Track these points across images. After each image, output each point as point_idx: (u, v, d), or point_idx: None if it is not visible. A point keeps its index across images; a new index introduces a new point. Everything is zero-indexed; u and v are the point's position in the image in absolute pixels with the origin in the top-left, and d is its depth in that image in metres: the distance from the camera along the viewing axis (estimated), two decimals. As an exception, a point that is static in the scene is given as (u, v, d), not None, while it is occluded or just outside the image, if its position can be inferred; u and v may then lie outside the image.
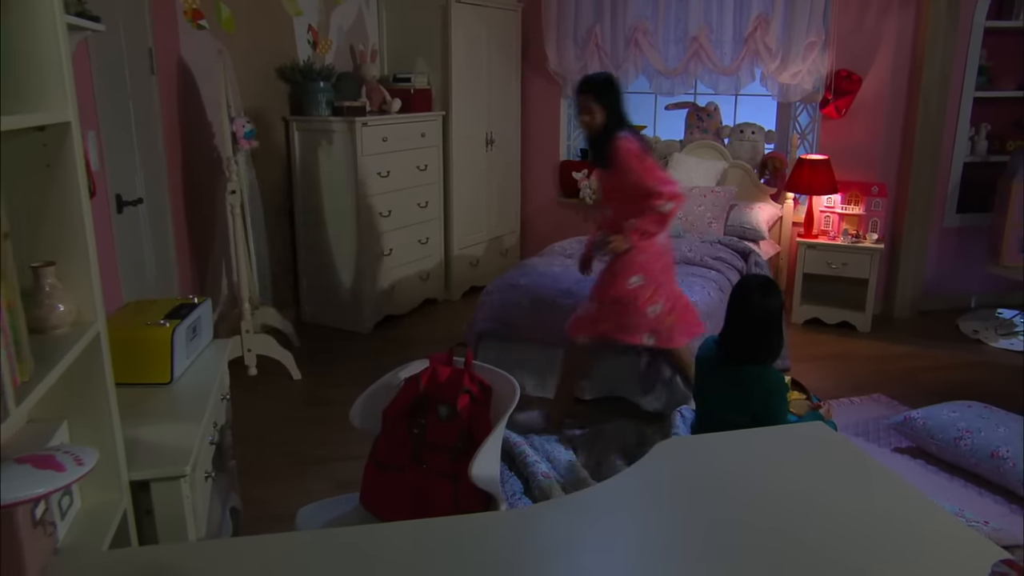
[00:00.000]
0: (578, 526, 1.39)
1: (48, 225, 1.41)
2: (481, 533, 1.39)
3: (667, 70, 5.28)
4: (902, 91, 4.92)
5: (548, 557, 1.31)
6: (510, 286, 3.81)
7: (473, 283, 5.49)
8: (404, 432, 2.03)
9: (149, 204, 3.37)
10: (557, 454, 3.07)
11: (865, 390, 3.98)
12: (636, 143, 3.04)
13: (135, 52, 3.29)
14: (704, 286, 3.76)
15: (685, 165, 5.18)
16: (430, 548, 1.33)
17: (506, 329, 3.75)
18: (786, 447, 1.72)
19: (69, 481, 0.86)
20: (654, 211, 3.03)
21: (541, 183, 6.02)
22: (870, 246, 4.75)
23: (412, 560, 1.29)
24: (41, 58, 1.35)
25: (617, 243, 3.08)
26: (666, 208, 3.03)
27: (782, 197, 5.14)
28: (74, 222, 1.43)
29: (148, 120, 3.44)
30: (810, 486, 1.53)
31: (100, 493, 1.56)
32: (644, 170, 3.02)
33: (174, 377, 2.04)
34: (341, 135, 4.42)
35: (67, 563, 1.29)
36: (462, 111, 5.15)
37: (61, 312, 1.41)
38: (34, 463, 0.85)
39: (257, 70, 4.40)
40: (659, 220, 3.06)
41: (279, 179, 4.65)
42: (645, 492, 1.52)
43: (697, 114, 5.45)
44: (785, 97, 5.11)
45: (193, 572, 1.25)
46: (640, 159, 3.03)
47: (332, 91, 4.55)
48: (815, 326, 4.93)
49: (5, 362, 1.07)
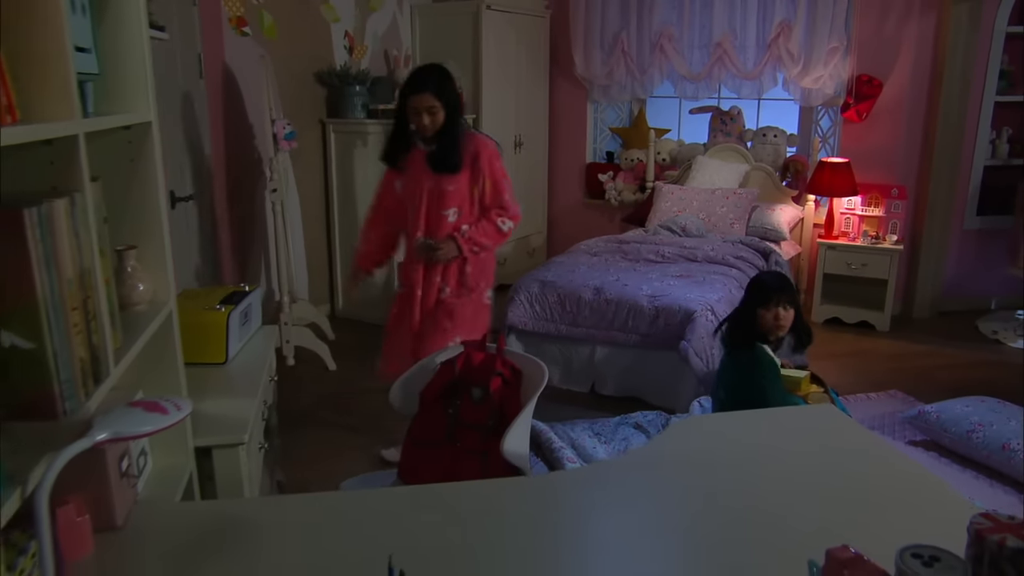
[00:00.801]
0: (597, 493, 1.52)
1: (130, 213, 1.58)
2: (508, 496, 1.53)
3: (691, 75, 5.39)
4: (922, 95, 4.99)
5: (569, 520, 1.44)
6: (538, 282, 3.95)
7: (500, 282, 5.61)
8: (440, 412, 2.17)
9: (197, 201, 3.56)
10: (582, 441, 3.20)
11: (882, 387, 4.05)
12: (496, 146, 2.89)
13: (186, 58, 3.48)
14: (725, 283, 3.87)
15: (708, 167, 5.28)
16: (464, 508, 1.47)
17: (533, 323, 3.89)
18: (796, 426, 1.84)
19: (173, 421, 1.01)
20: (493, 225, 2.85)
21: (567, 184, 6.15)
22: (889, 247, 4.83)
23: (444, 516, 1.43)
24: (129, 63, 1.51)
25: (447, 250, 2.83)
26: (507, 226, 2.87)
27: (803, 199, 5.22)
28: (152, 211, 1.59)
29: (197, 122, 3.63)
30: (818, 461, 1.64)
31: (169, 457, 1.72)
32: (504, 180, 2.87)
33: (229, 357, 2.21)
34: (376, 137, 4.59)
35: (147, 511, 1.45)
36: (491, 114, 5.30)
37: (140, 291, 1.57)
38: (144, 407, 1.00)
39: (296, 74, 4.59)
40: (498, 235, 2.88)
41: (316, 179, 4.83)
42: (661, 464, 1.64)
43: (721, 118, 5.55)
44: (807, 101, 5.19)
45: (250, 522, 1.41)
46: (502, 167, 2.88)
47: (367, 94, 4.73)
48: (835, 325, 5.01)
49: (108, 328, 1.23)
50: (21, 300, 1.00)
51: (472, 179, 2.84)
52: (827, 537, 1.17)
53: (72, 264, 1.11)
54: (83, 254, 1.16)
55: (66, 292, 1.08)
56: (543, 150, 6.01)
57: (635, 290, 3.76)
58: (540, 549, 1.33)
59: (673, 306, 3.60)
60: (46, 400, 1.05)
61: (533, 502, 1.47)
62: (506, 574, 1.27)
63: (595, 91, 5.81)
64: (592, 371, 3.83)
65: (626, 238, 4.75)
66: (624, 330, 3.70)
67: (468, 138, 2.83)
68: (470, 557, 1.30)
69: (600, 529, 1.41)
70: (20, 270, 0.99)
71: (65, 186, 1.16)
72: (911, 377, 4.19)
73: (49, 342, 1.03)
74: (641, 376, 3.72)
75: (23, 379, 1.03)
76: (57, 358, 1.05)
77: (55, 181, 1.16)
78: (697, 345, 3.45)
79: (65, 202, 1.10)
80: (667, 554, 1.33)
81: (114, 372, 1.26)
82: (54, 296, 1.05)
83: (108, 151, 1.53)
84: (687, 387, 3.50)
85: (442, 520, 1.40)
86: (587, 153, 6.09)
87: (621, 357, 3.75)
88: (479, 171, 2.83)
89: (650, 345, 3.65)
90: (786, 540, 1.32)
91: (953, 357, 4.49)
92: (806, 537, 1.19)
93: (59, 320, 1.06)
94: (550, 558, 1.31)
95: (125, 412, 0.99)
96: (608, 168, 5.93)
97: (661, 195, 5.21)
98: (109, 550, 1.33)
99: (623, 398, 3.76)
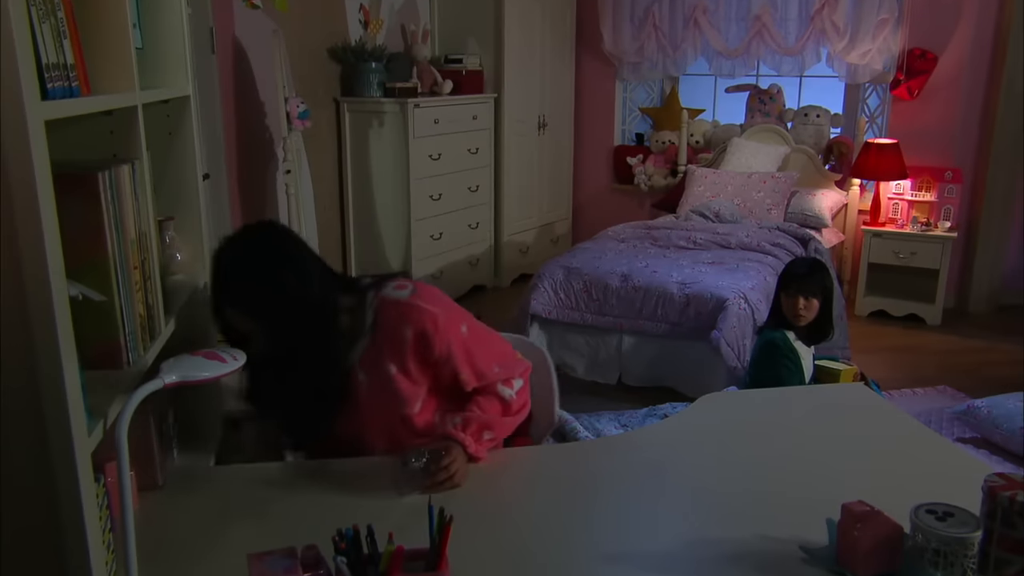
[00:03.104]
0: (625, 460, 1.72)
1: (168, 186, 1.79)
2: (542, 460, 1.73)
3: (728, 51, 5.55)
4: (982, 70, 5.08)
5: (597, 484, 1.63)
6: (562, 268, 4.14)
7: (523, 271, 5.84)
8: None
9: (212, 180, 3.78)
10: (608, 432, 3.39)
11: (930, 383, 4.19)
12: (433, 296, 1.78)
13: (198, 32, 3.70)
14: (760, 271, 4.04)
15: (745, 150, 5.44)
16: (494, 471, 1.67)
17: (558, 312, 4.08)
18: (827, 403, 2.02)
19: (232, 369, 1.21)
20: (496, 396, 1.77)
21: (594, 169, 6.33)
22: (942, 234, 4.95)
23: (477, 478, 1.63)
24: (168, 38, 1.72)
25: (457, 464, 1.62)
26: (515, 389, 1.79)
27: (847, 184, 5.36)
28: (189, 183, 1.81)
29: (209, 99, 3.85)
30: (846, 435, 1.82)
31: (198, 426, 1.94)
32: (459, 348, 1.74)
33: (253, 335, 2.42)
34: (392, 116, 4.81)
35: (183, 470, 1.67)
36: (514, 93, 5.50)
37: (179, 261, 1.79)
38: (204, 356, 1.20)
39: (308, 50, 4.80)
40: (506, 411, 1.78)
41: (330, 160, 5.05)
42: (688, 435, 1.83)
43: (759, 97, 5.70)
44: (853, 78, 5.33)
45: (280, 485, 1.63)
46: (455, 328, 1.74)
47: (383, 72, 4.94)
48: (880, 319, 5.15)
49: (160, 289, 1.44)
50: (94, 256, 1.21)
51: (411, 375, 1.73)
52: (848, 498, 1.35)
53: (133, 226, 1.32)
54: (141, 218, 1.37)
55: (129, 251, 1.29)
56: (568, 132, 6.20)
57: (665, 277, 3.94)
58: (566, 512, 1.54)
59: (704, 294, 3.77)
60: (113, 350, 1.26)
61: (566, 466, 1.66)
62: (532, 535, 1.47)
63: (624, 69, 5.98)
64: (619, 362, 4.02)
65: (656, 224, 4.93)
66: (653, 319, 3.89)
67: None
68: (491, 515, 1.51)
69: (626, 494, 1.60)
70: (94, 228, 1.20)
71: (124, 154, 1.37)
72: (962, 374, 4.30)
73: (117, 296, 1.24)
74: (670, 367, 3.91)
75: (93, 331, 1.23)
76: (123, 312, 1.26)
77: (115, 150, 1.37)
78: (729, 335, 3.62)
79: (128, 168, 1.31)
80: (687, 517, 1.52)
81: (164, 331, 1.47)
82: (120, 255, 1.26)
83: (147, 125, 1.74)
84: (718, 378, 3.67)
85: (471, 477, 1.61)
86: (615, 135, 6.27)
87: (649, 347, 3.94)
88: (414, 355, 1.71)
89: (680, 335, 3.83)
90: (807, 503, 1.50)
91: (1010, 354, 4.57)
92: (826, 503, 1.38)
93: (125, 277, 1.27)
94: (579, 521, 1.51)
95: (188, 359, 1.20)
96: (637, 151, 6.10)
97: (694, 179, 5.37)
98: (152, 506, 1.55)
99: (651, 389, 3.95)
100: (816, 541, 1.37)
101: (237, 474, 1.73)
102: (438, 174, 5.03)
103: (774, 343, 2.93)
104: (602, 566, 1.35)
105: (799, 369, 2.92)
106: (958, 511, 1.34)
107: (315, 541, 1.20)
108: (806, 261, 3.15)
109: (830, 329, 3.06)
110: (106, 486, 1.28)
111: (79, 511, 1.01)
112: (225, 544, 1.40)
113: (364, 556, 1.17)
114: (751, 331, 3.63)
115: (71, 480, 1.00)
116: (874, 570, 1.29)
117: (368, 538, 1.18)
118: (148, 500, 1.56)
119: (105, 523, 1.23)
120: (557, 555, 1.37)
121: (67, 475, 1.00)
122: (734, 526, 1.45)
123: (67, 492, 1.00)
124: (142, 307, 1.35)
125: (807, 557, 1.35)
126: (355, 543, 1.17)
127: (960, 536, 1.28)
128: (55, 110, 1.04)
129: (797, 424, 1.87)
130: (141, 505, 1.54)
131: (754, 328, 3.61)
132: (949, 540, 1.28)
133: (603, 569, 1.34)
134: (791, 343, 2.94)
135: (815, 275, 2.98)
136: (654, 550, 1.39)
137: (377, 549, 1.17)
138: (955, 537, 1.28)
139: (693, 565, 1.35)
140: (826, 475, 1.64)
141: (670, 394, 3.87)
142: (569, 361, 4.10)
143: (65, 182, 1.06)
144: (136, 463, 1.53)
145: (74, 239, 1.12)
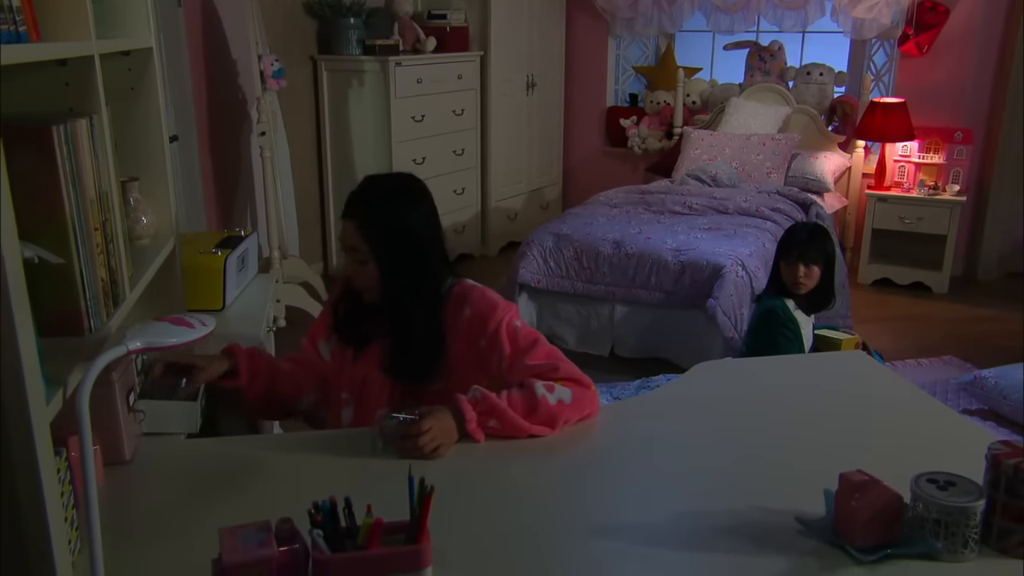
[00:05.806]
0: (616, 431, 1.73)
1: (131, 144, 1.77)
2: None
3: (726, 5, 5.51)
4: (997, 24, 5.05)
5: (588, 456, 1.64)
6: (552, 235, 4.13)
7: (511, 238, 5.82)
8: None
9: (180, 142, 3.75)
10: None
11: (936, 353, 4.21)
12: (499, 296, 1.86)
13: (163, -17, 3.64)
14: (758, 237, 4.05)
15: (744, 111, 5.42)
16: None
17: (547, 280, 4.07)
18: (826, 371, 2.03)
19: (200, 335, 1.19)
20: (532, 393, 1.70)
21: (586, 131, 6.30)
22: (950, 199, 4.96)
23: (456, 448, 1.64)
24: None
25: (431, 435, 1.61)
26: (555, 395, 1.72)
27: (851, 145, 5.36)
28: (154, 142, 1.78)
29: (176, 55, 3.80)
30: (845, 403, 1.84)
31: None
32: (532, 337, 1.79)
33: (226, 304, 2.40)
34: (373, 76, 4.76)
35: (153, 445, 1.67)
36: (501, 51, 5.45)
37: (144, 224, 1.77)
38: (171, 322, 1.19)
39: (283, 5, 4.74)
40: (537, 408, 1.71)
41: (307, 122, 5.01)
42: (682, 405, 1.84)
43: (759, 54, 5.67)
44: (859, 34, 5.29)
45: (253, 458, 1.63)
46: (511, 314, 1.81)
47: (363, 28, 4.88)
48: (885, 287, 5.17)
49: (123, 252, 1.43)
50: (51, 216, 1.19)
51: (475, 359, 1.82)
52: (846, 468, 1.36)
53: (93, 185, 1.30)
54: (101, 176, 1.35)
55: (89, 212, 1.28)
56: (558, 92, 6.16)
57: (659, 244, 3.94)
58: (555, 484, 1.54)
59: (700, 261, 3.78)
60: (73, 316, 1.25)
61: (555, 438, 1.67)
62: (521, 507, 1.47)
63: (617, 25, 5.93)
64: (611, 332, 4.03)
65: (650, 188, 4.93)
66: (646, 287, 3.89)
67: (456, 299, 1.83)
68: (482, 487, 1.51)
69: (617, 466, 1.61)
70: (49, 186, 1.18)
71: (81, 109, 1.35)
72: (970, 343, 4.33)
73: (77, 259, 1.23)
74: (664, 337, 3.92)
75: (51, 295, 1.22)
76: (84, 276, 1.24)
77: (72, 103, 1.35)
78: (725, 304, 3.63)
79: (85, 122, 1.29)
80: (680, 489, 1.53)
81: (129, 297, 1.45)
82: (79, 215, 1.24)
83: (107, 79, 1.71)
84: (714, 349, 3.68)
85: (455, 452, 1.61)
86: (608, 96, 6.23)
87: (643, 317, 3.94)
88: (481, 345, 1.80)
89: (674, 303, 3.84)
90: (804, 474, 1.51)
91: (1020, 323, 4.58)
92: (824, 473, 1.39)
93: (84, 239, 1.25)
94: (569, 494, 1.51)
95: (154, 325, 1.18)
96: (631, 112, 6.07)
97: (690, 141, 5.36)
98: (119, 482, 1.54)
99: (645, 360, 3.96)
100: (813, 512, 1.38)
101: (210, 448, 1.72)
102: (421, 136, 4.99)
103: (773, 311, 2.94)
104: (593, 538, 1.35)
105: (798, 338, 2.93)
106: (960, 480, 1.36)
107: (291, 515, 1.20)
108: (807, 227, 3.14)
109: (831, 298, 3.06)
110: (69, 461, 1.27)
111: (37, 484, 1.01)
112: (197, 520, 1.40)
113: (341, 529, 1.17)
114: (749, 300, 3.64)
115: (28, 451, 0.99)
116: (872, 541, 1.30)
117: (346, 510, 1.17)
118: (115, 475, 1.55)
119: (68, 499, 1.22)
120: (546, 527, 1.38)
121: (24, 446, 0.99)
122: (728, 498, 1.46)
123: (24, 464, 0.99)
124: (104, 271, 1.33)
125: (803, 528, 1.36)
126: (332, 516, 1.16)
127: (962, 505, 1.29)
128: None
129: (794, 393, 1.88)
130: (107, 481, 1.53)
131: (752, 296, 3.61)
132: (951, 510, 1.29)
133: (594, 542, 1.35)
134: (791, 312, 2.95)
135: (816, 241, 2.98)
136: (646, 522, 1.40)
137: (355, 522, 1.17)
138: (957, 506, 1.29)
139: (685, 536, 1.36)
140: (824, 445, 1.65)
141: (664, 365, 3.89)
142: (559, 332, 4.11)
143: (16, 135, 1.04)
144: (101, 436, 1.53)
145: (28, 197, 1.10)
